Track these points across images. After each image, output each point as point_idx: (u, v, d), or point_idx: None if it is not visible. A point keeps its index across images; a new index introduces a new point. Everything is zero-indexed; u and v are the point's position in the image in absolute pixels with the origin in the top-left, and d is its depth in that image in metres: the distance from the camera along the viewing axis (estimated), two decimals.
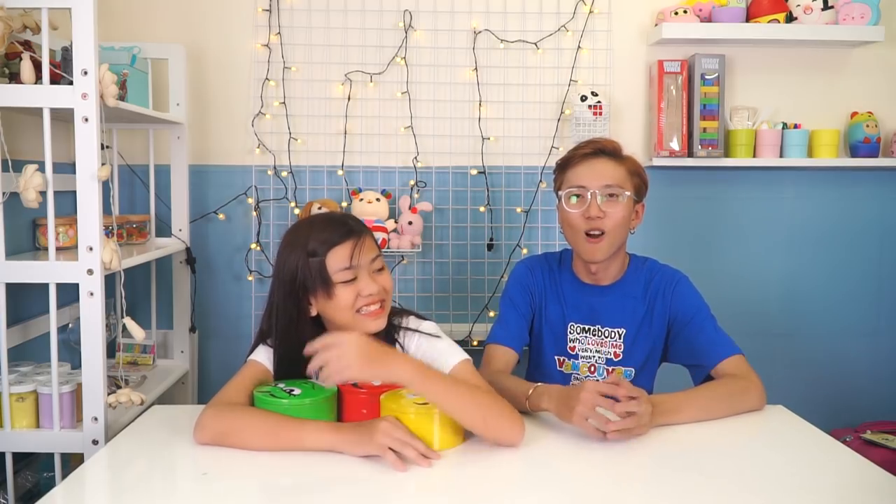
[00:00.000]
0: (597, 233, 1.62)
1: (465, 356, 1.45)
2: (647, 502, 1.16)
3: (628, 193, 1.63)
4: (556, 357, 1.74)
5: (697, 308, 1.67)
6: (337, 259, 1.39)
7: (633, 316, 1.70)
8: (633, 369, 1.70)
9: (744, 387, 1.54)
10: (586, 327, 1.72)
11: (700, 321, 1.66)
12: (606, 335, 1.70)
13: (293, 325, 1.43)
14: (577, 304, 1.73)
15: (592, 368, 1.71)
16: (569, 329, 1.73)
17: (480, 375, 1.45)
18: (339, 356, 1.27)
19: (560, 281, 1.75)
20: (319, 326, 1.46)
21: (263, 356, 1.47)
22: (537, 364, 1.78)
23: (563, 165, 1.70)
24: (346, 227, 1.42)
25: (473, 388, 1.36)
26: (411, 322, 1.52)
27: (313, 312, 1.44)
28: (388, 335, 1.49)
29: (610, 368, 1.70)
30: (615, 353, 1.70)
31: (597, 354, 1.71)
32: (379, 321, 1.44)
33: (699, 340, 1.64)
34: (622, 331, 1.70)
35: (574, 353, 1.73)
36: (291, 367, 1.45)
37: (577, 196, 1.64)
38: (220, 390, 1.41)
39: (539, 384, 1.49)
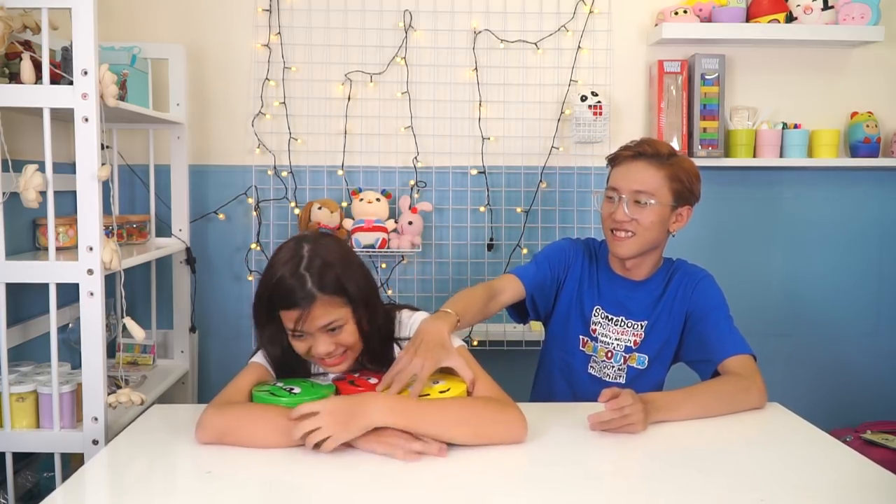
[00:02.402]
0: (621, 234, 1.67)
1: (459, 342, 1.48)
2: (646, 500, 1.17)
3: (653, 201, 1.64)
4: (580, 336, 1.78)
5: (716, 305, 1.70)
6: (286, 319, 1.39)
7: (653, 308, 1.73)
8: (647, 357, 1.73)
9: (745, 386, 1.54)
10: (610, 316, 1.75)
11: (716, 317, 1.68)
12: (629, 326, 1.74)
13: (273, 344, 1.45)
14: (606, 293, 1.77)
15: (609, 354, 1.75)
16: (594, 312, 1.76)
17: (475, 361, 1.46)
18: (317, 428, 1.25)
19: (598, 268, 1.80)
20: None
21: (264, 358, 1.49)
22: (563, 342, 1.80)
23: (611, 162, 1.75)
24: (298, 294, 1.34)
25: (456, 405, 1.34)
26: (404, 315, 1.54)
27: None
28: (388, 331, 1.51)
29: (626, 355, 1.74)
30: (635, 341, 1.73)
31: (615, 342, 1.74)
32: (341, 366, 1.44)
33: (712, 335, 1.66)
34: (644, 322, 1.73)
35: (595, 335, 1.76)
36: (289, 369, 1.48)
37: (610, 197, 1.70)
38: (221, 391, 1.41)
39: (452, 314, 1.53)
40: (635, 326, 1.73)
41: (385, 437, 1.28)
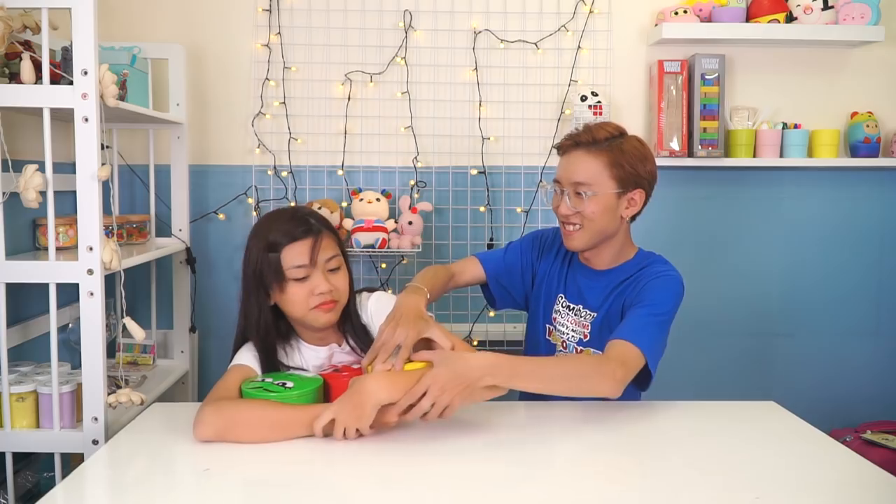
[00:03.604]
0: (570, 227, 1.65)
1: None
2: (642, 499, 1.17)
3: (592, 192, 1.60)
4: (545, 325, 1.78)
5: (651, 302, 1.57)
6: (292, 256, 1.44)
7: (603, 301, 1.69)
8: (600, 352, 1.68)
9: (595, 370, 1.44)
10: (570, 305, 1.74)
11: (640, 308, 1.57)
12: (582, 316, 1.72)
13: (261, 316, 1.49)
14: (569, 281, 1.76)
15: (564, 345, 1.74)
16: (556, 299, 1.76)
17: (452, 334, 1.48)
18: (341, 427, 1.32)
19: (569, 258, 1.79)
20: (285, 318, 1.53)
21: (247, 357, 1.50)
22: (534, 332, 1.81)
23: (557, 152, 1.73)
24: (305, 226, 1.46)
25: None
26: (363, 297, 1.60)
27: (271, 302, 1.49)
28: (356, 316, 1.57)
29: (579, 348, 1.71)
30: (584, 334, 1.71)
31: (571, 333, 1.73)
32: (330, 315, 1.49)
33: (623, 321, 1.57)
34: (594, 315, 1.70)
35: (554, 324, 1.76)
36: (269, 358, 1.50)
37: (556, 190, 1.69)
38: (210, 391, 1.42)
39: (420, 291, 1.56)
40: (586, 317, 1.71)
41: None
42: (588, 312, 1.71)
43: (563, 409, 1.55)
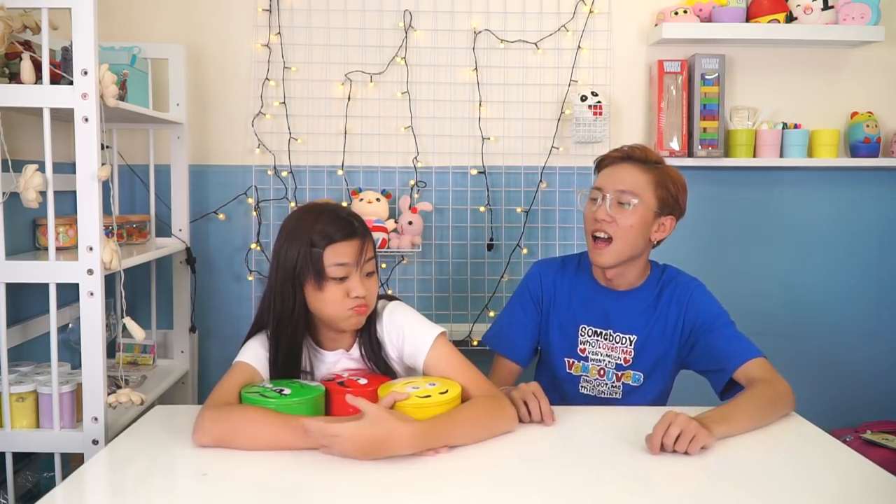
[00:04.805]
0: (603, 236, 1.63)
1: (440, 329, 1.49)
2: (646, 500, 1.17)
3: (636, 201, 1.61)
4: (565, 359, 1.75)
5: (717, 315, 1.67)
6: (336, 254, 1.42)
7: (645, 323, 1.70)
8: (641, 374, 1.70)
9: (780, 391, 1.52)
10: (598, 331, 1.72)
11: (720, 326, 1.65)
12: (617, 340, 1.70)
13: (289, 312, 1.45)
14: (590, 307, 1.73)
15: (602, 372, 1.72)
16: (580, 331, 1.73)
17: (458, 354, 1.49)
18: (339, 449, 1.27)
19: (575, 283, 1.76)
20: (310, 316, 1.49)
21: (252, 356, 1.48)
22: (546, 363, 1.79)
23: (597, 166, 1.73)
24: (351, 227, 1.44)
25: (466, 414, 1.38)
26: (379, 305, 1.56)
27: (299, 299, 1.46)
28: (374, 325, 1.54)
29: (619, 373, 1.71)
30: (625, 358, 1.70)
31: (607, 358, 1.71)
32: (361, 318, 1.47)
33: (719, 345, 1.63)
34: (633, 337, 1.70)
35: (584, 355, 1.73)
36: (288, 356, 1.47)
37: (594, 198, 1.67)
38: (211, 393, 1.41)
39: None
40: (623, 341, 1.70)
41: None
42: (623, 335, 1.70)
43: (570, 414, 1.54)
